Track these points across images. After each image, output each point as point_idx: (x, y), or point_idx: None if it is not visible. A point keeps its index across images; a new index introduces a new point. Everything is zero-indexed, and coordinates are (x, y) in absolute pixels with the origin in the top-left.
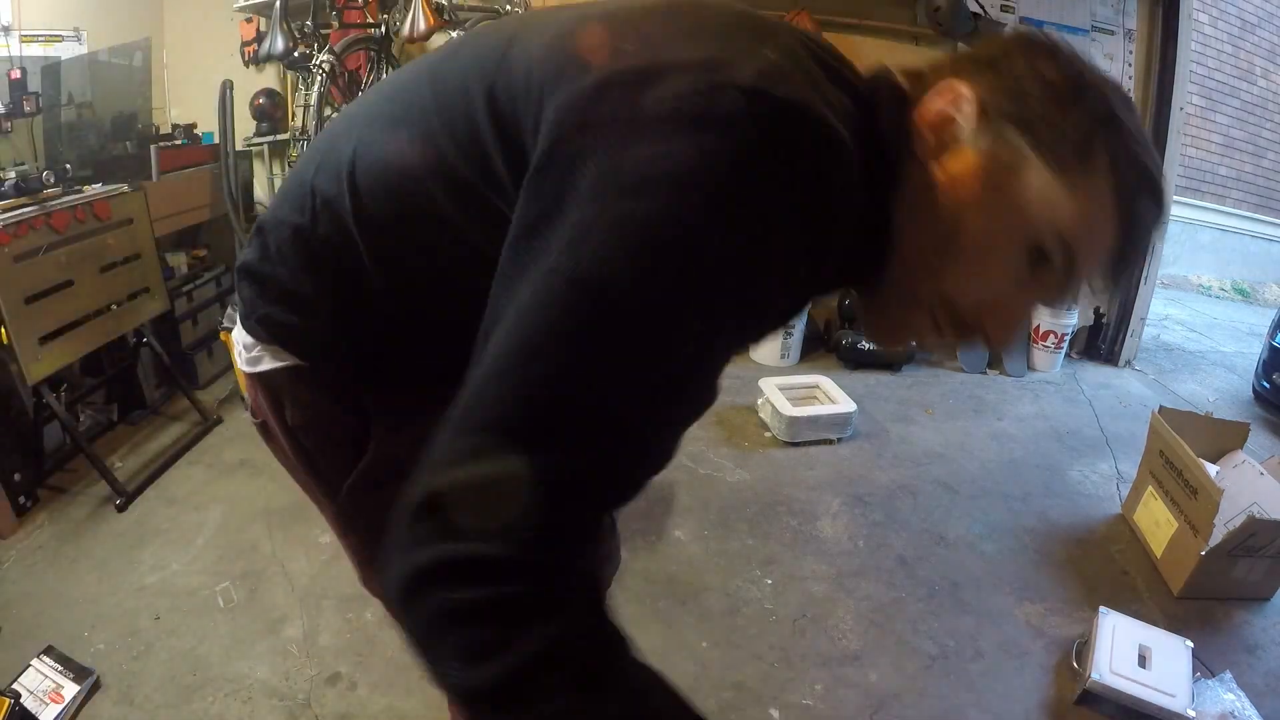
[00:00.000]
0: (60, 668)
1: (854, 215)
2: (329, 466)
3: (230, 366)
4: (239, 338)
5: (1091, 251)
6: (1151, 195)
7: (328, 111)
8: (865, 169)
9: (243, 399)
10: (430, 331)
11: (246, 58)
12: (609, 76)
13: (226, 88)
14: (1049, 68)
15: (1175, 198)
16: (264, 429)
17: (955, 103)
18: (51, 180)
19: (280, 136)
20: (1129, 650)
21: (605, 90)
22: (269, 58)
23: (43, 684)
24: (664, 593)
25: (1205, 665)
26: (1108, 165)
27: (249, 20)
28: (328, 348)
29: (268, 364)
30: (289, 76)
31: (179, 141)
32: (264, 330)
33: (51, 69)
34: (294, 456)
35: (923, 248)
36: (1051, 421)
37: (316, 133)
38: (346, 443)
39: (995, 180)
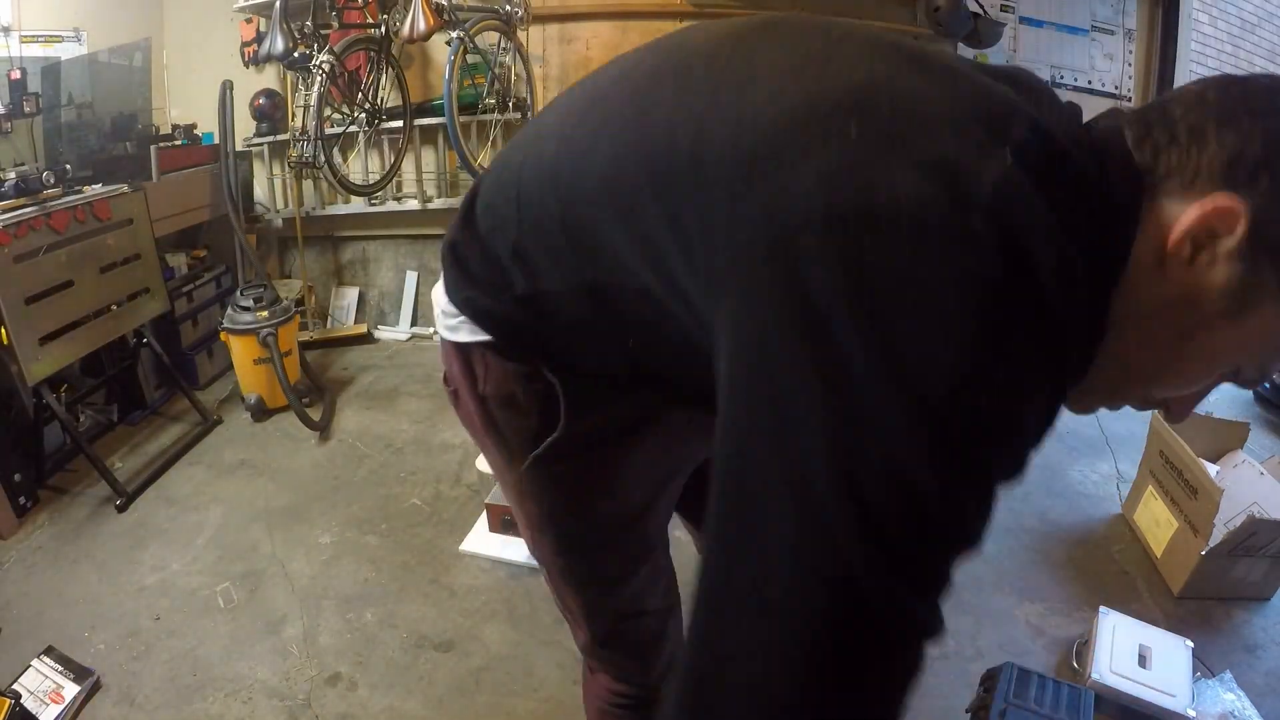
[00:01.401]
0: (60, 668)
1: (1084, 332)
2: (514, 435)
3: (230, 366)
4: (439, 301)
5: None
6: None
7: (327, 112)
8: (1091, 263)
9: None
10: (602, 337)
11: (246, 58)
12: (835, 166)
13: (226, 88)
14: None
15: None
16: (454, 396)
17: (1225, 223)
18: (51, 181)
19: (280, 137)
20: (1129, 650)
21: (832, 181)
22: (269, 58)
23: (43, 684)
24: None
25: (1205, 665)
26: None
27: (249, 20)
28: (520, 333)
29: (465, 335)
30: (289, 77)
31: (179, 142)
32: (468, 310)
33: (51, 69)
34: (481, 423)
35: (1141, 355)
36: None
37: (316, 133)
38: (533, 414)
39: (1238, 308)
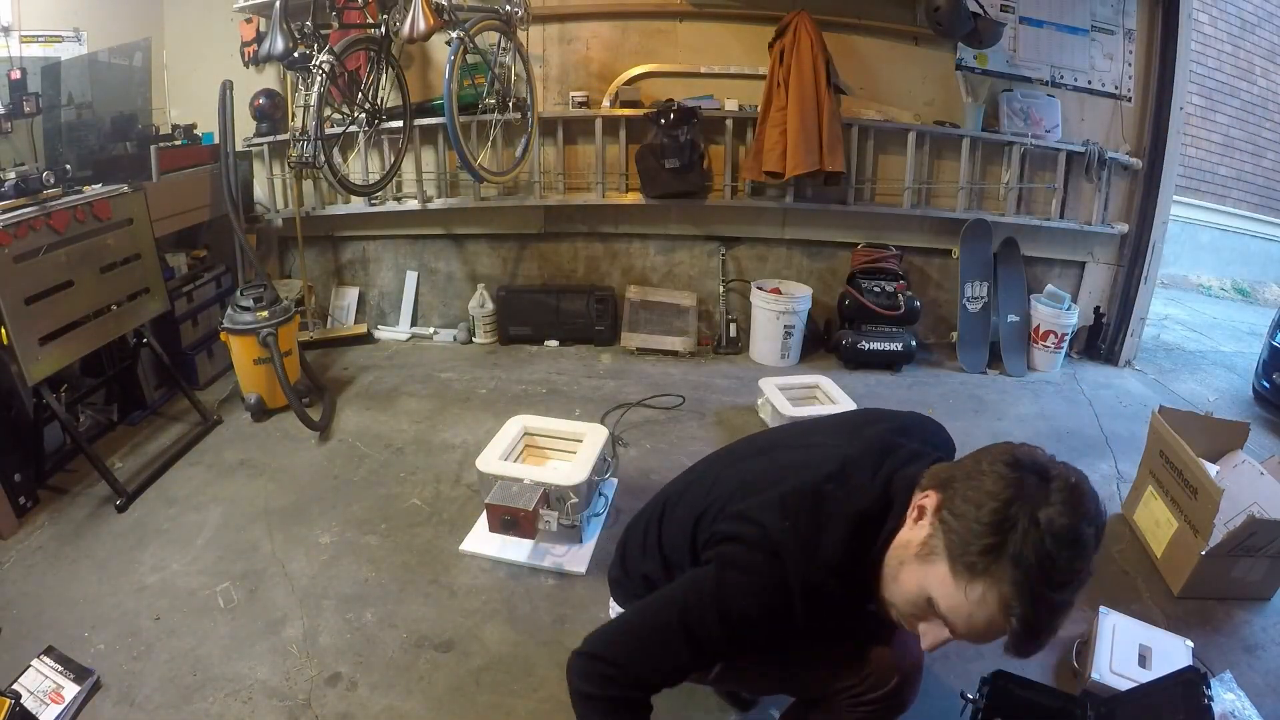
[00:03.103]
0: (60, 668)
1: (818, 604)
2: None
3: (230, 366)
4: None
5: (963, 624)
6: (1049, 616)
7: (327, 111)
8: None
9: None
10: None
11: (246, 58)
12: (733, 534)
13: (226, 88)
14: (985, 513)
15: (1175, 198)
16: None
17: (929, 502)
18: (51, 181)
19: (280, 137)
20: (1129, 650)
21: (728, 540)
22: (269, 58)
23: (43, 684)
24: None
25: (1205, 665)
26: (1000, 589)
27: (249, 20)
28: None
29: None
30: (289, 77)
31: (179, 142)
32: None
33: (51, 69)
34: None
35: (889, 577)
36: (1051, 421)
37: (316, 133)
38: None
39: (922, 553)
